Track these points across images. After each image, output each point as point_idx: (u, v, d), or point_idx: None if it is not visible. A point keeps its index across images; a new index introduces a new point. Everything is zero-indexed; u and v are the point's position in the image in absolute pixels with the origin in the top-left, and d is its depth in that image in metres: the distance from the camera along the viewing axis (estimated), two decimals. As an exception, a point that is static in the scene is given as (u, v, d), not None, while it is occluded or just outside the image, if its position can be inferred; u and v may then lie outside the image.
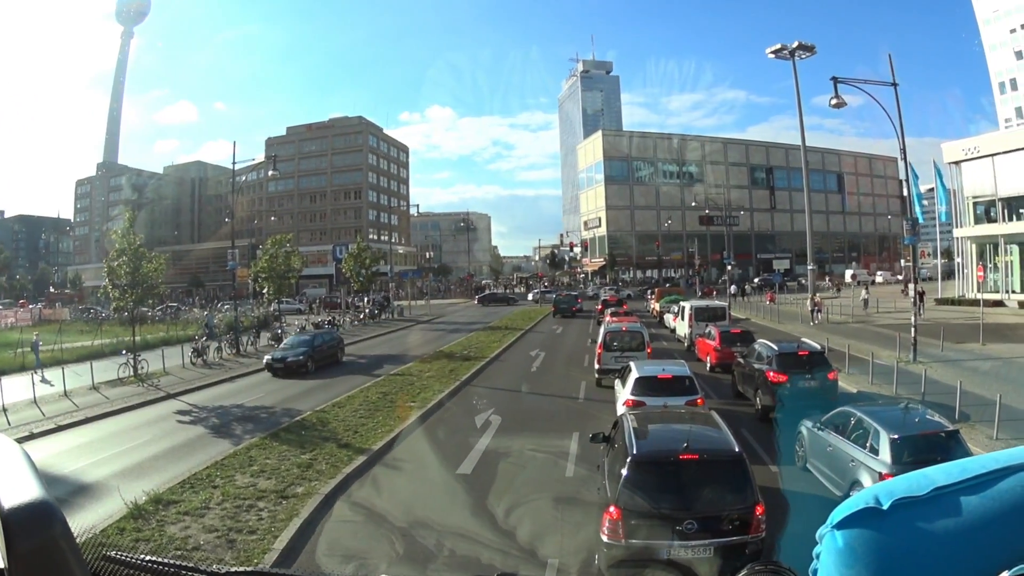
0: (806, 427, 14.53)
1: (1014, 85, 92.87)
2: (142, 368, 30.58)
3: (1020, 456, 1.07)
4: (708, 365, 27.93)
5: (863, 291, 56.32)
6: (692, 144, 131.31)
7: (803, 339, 24.03)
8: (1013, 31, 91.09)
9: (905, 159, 28.09)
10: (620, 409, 16.52)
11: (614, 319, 34.91)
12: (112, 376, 29.20)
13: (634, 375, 17.23)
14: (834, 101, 27.88)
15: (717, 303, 41.11)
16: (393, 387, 25.38)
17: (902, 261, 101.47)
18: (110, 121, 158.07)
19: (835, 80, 27.39)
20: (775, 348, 20.61)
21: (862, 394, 21.07)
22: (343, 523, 12.24)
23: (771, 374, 19.43)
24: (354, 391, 24.87)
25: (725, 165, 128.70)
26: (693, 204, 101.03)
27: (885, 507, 1.04)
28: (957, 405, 16.92)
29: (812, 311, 46.66)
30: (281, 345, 34.02)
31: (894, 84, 27.96)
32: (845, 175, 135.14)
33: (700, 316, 34.82)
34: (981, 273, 49.86)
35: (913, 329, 26.98)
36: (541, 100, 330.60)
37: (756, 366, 20.77)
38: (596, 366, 25.45)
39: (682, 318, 37.68)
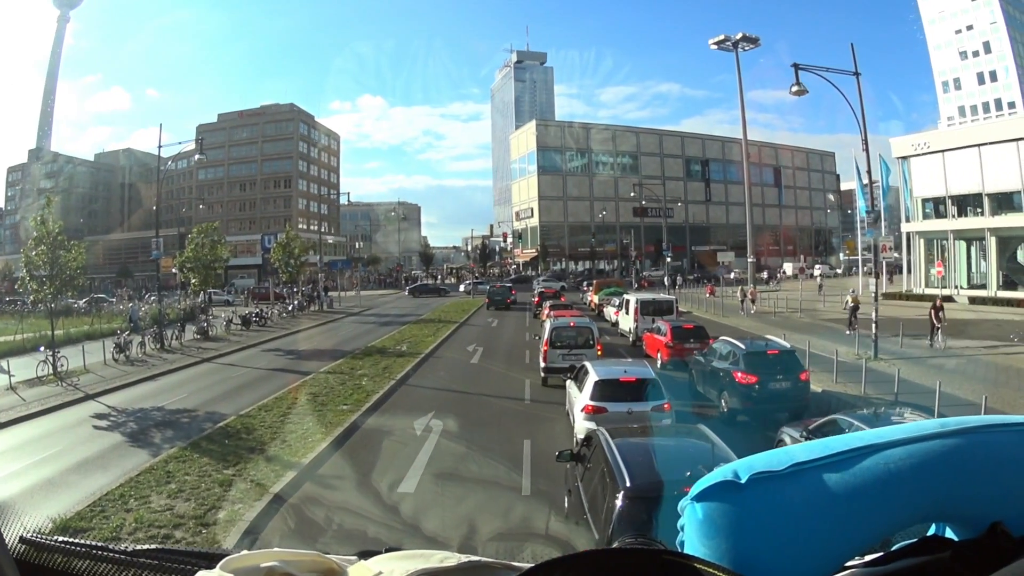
0: (789, 435, 13.28)
1: (958, 84, 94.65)
2: (61, 366, 28.37)
3: (883, 436, 1.08)
4: (659, 362, 26.42)
5: (817, 279, 63.73)
6: (627, 135, 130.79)
7: (770, 337, 22.79)
8: (958, 31, 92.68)
9: (867, 150, 27.53)
10: (578, 415, 15.26)
11: (555, 312, 33.51)
12: (31, 374, 26.98)
13: (592, 377, 15.58)
14: (795, 89, 26.95)
15: (664, 296, 39.55)
16: (323, 388, 23.59)
17: (841, 255, 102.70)
18: (44, 107, 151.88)
19: (796, 67, 26.48)
20: (743, 347, 19.20)
21: (828, 394, 20.13)
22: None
23: (739, 375, 18.09)
24: (282, 392, 23.05)
25: (660, 157, 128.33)
26: (632, 195, 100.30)
27: (743, 480, 1.05)
28: (936, 406, 15.85)
29: (742, 301, 46.73)
30: None
31: (856, 73, 27.23)
32: (782, 169, 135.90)
33: (646, 310, 33.55)
34: (941, 269, 50.11)
35: (874, 325, 26.08)
36: (473, 90, 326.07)
37: (719, 366, 19.48)
38: (542, 364, 23.92)
39: (626, 312, 36.26)
